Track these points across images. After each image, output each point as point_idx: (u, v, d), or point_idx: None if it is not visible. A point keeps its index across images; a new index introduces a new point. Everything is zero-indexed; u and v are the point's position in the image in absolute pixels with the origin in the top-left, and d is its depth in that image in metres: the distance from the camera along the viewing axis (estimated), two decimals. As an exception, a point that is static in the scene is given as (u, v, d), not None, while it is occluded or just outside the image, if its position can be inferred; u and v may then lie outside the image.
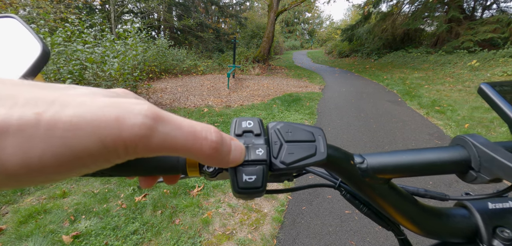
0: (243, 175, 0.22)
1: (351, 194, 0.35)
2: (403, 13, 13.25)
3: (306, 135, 0.26)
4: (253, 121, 0.26)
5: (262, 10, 23.70)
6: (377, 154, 0.30)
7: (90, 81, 4.01)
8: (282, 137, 0.25)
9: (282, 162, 0.24)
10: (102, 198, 2.16)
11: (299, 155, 0.24)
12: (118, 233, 1.79)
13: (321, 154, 0.25)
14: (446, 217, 0.32)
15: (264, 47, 11.76)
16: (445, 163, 0.29)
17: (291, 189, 0.38)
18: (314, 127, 0.27)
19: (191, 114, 4.51)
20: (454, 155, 0.29)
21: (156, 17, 14.28)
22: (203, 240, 1.76)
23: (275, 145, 0.25)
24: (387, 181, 0.30)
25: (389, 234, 1.76)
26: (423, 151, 0.29)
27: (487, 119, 4.06)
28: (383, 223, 0.35)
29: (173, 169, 0.25)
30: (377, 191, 0.30)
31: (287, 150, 0.24)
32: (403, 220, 0.31)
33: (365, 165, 0.29)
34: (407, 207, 0.31)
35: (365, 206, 0.34)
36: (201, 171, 0.26)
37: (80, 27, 4.78)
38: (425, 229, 0.32)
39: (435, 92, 6.03)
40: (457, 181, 2.34)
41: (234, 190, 0.23)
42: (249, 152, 0.23)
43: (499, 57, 7.49)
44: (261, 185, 0.23)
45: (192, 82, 7.66)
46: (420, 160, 0.29)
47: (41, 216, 1.95)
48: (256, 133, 0.25)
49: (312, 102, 5.49)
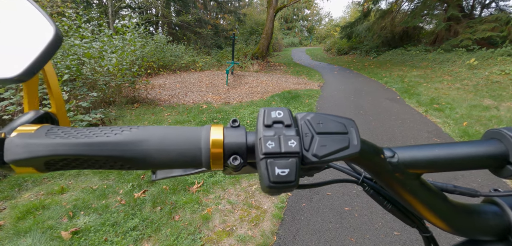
0: (276, 168, 0.21)
1: (375, 190, 0.34)
2: (402, 11, 13.24)
3: (338, 126, 0.24)
4: (283, 111, 0.25)
5: (261, 7, 23.59)
6: (408, 147, 0.29)
7: (88, 76, 3.98)
8: (313, 128, 0.24)
9: (314, 154, 0.23)
10: (101, 194, 2.15)
11: (331, 148, 0.23)
12: (118, 229, 1.78)
13: (355, 146, 0.24)
14: (476, 213, 0.31)
15: (263, 44, 11.71)
16: (480, 157, 0.28)
17: (315, 184, 0.36)
18: (346, 118, 0.25)
19: (190, 110, 4.49)
20: (490, 149, 0.28)
21: (154, 12, 14.16)
22: (203, 236, 1.76)
23: (306, 136, 0.23)
24: (418, 176, 0.29)
25: (388, 231, 1.77)
26: (456, 145, 0.28)
27: (485, 118, 4.08)
28: (408, 220, 0.33)
29: (195, 161, 0.24)
30: (407, 187, 0.28)
31: (319, 142, 0.23)
32: (432, 217, 0.30)
33: (396, 159, 0.28)
34: (437, 203, 0.30)
35: (389, 202, 0.33)
36: (225, 164, 0.25)
37: (77, 22, 4.73)
38: (455, 226, 0.31)
39: (433, 90, 6.05)
40: (455, 178, 2.35)
41: (264, 184, 0.22)
42: (280, 143, 0.22)
43: (497, 56, 7.52)
44: (294, 179, 0.22)
45: (191, 79, 7.62)
46: (454, 154, 0.28)
47: (39, 212, 1.93)
48: (286, 123, 0.24)
49: (311, 100, 5.49)
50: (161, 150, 0.23)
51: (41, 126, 0.25)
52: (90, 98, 3.66)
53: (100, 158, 0.23)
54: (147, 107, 4.62)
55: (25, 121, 0.27)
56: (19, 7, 0.29)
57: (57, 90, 0.33)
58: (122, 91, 4.75)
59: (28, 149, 0.22)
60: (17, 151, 0.23)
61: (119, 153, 0.23)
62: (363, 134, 3.54)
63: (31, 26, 0.28)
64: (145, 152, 0.23)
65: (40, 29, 0.28)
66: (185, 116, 4.17)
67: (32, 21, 0.28)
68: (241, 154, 0.24)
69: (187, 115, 4.20)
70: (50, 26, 0.28)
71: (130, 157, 0.23)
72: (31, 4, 0.29)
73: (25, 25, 0.28)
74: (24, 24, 0.29)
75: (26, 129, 0.24)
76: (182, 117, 4.11)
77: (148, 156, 0.23)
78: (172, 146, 0.24)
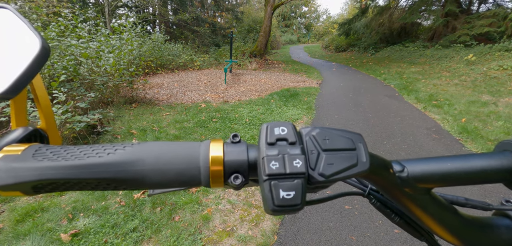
0: (280, 191, 0.20)
1: (382, 203, 0.33)
2: (400, 7, 13.24)
3: (345, 142, 0.23)
4: (287, 127, 0.23)
5: (258, 4, 23.51)
6: (417, 160, 0.28)
7: (85, 77, 3.95)
8: (319, 145, 0.23)
9: (320, 174, 0.21)
10: (100, 195, 2.14)
11: (339, 166, 0.22)
12: (118, 231, 1.77)
13: (363, 164, 0.22)
14: (488, 227, 0.30)
15: (261, 42, 11.69)
16: (494, 170, 0.27)
17: (320, 199, 0.35)
18: (353, 133, 0.24)
19: (189, 110, 4.48)
20: (504, 162, 0.27)
21: (151, 11, 14.09)
22: (204, 236, 1.75)
23: (312, 154, 0.22)
24: (428, 191, 0.28)
25: (389, 229, 1.77)
26: (467, 158, 0.27)
27: (484, 114, 4.09)
28: (416, 234, 0.32)
29: (193, 180, 0.23)
30: (417, 202, 0.27)
31: (326, 160, 0.22)
32: (443, 231, 0.29)
33: (405, 173, 0.27)
34: (448, 218, 0.29)
35: (397, 215, 0.32)
36: (225, 182, 0.23)
37: (73, 22, 4.69)
38: (466, 241, 0.30)
39: (432, 86, 6.06)
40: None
41: (268, 206, 0.21)
42: (285, 163, 0.21)
43: (495, 51, 7.54)
44: (300, 202, 0.20)
45: (189, 78, 7.60)
46: (466, 168, 0.27)
47: (38, 214, 1.92)
48: (291, 141, 0.22)
49: (310, 97, 5.48)
50: (157, 170, 0.22)
51: (28, 146, 0.23)
52: (88, 99, 3.63)
53: (91, 181, 0.22)
54: (146, 107, 4.60)
55: (12, 140, 0.26)
56: (4, 20, 0.28)
57: (46, 104, 0.31)
58: (120, 91, 4.72)
59: (13, 173, 0.21)
60: (1, 176, 0.21)
61: (112, 175, 0.22)
62: (362, 131, 3.55)
63: (16, 39, 0.27)
64: (140, 172, 0.22)
65: (25, 42, 0.26)
66: (184, 115, 4.15)
67: (17, 33, 0.27)
68: (242, 172, 0.23)
69: (186, 115, 4.18)
70: (36, 39, 0.26)
71: (124, 179, 0.22)
72: (16, 15, 0.27)
73: (9, 38, 0.27)
74: (9, 37, 0.27)
75: (12, 149, 0.23)
76: (180, 116, 4.09)
77: (144, 176, 0.22)
78: (169, 165, 0.22)
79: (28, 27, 0.27)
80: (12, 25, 0.27)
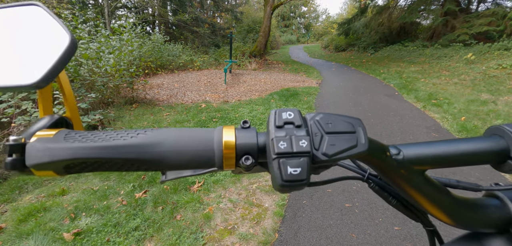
0: (288, 167, 0.22)
1: (380, 186, 0.35)
2: (399, 6, 13.26)
3: (346, 125, 0.25)
4: (294, 112, 0.26)
5: (258, 4, 23.53)
6: (413, 144, 0.30)
7: (86, 77, 3.96)
8: (322, 128, 0.25)
9: (324, 153, 0.23)
10: (102, 195, 2.15)
11: (340, 147, 0.24)
12: (120, 230, 1.79)
13: (363, 145, 0.24)
14: (479, 207, 0.32)
15: (260, 42, 11.70)
16: (482, 153, 0.29)
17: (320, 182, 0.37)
18: (353, 118, 0.26)
19: (189, 110, 4.49)
20: (491, 145, 0.29)
21: (151, 12, 14.10)
22: (205, 235, 1.76)
23: (316, 136, 0.24)
24: (422, 172, 0.30)
25: (389, 226, 1.78)
26: (459, 142, 0.29)
27: (483, 112, 4.10)
28: (412, 215, 0.34)
29: (209, 162, 0.25)
30: (412, 183, 0.29)
31: (329, 141, 0.24)
32: (436, 211, 0.31)
33: (401, 156, 0.29)
34: (441, 198, 0.31)
35: (394, 198, 0.34)
36: (237, 164, 0.26)
37: (73, 23, 4.70)
38: (458, 220, 0.32)
39: (431, 85, 6.07)
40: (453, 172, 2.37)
41: (277, 182, 0.23)
42: (292, 143, 0.23)
43: (494, 50, 7.55)
44: (305, 177, 0.22)
45: (189, 78, 7.61)
46: (457, 150, 0.29)
47: (41, 214, 1.93)
48: (297, 124, 0.25)
49: (310, 97, 5.49)
50: (176, 151, 0.24)
51: (59, 130, 0.26)
52: (88, 99, 3.64)
53: (118, 161, 0.24)
54: (146, 108, 4.62)
55: (42, 126, 0.28)
56: (35, 16, 0.30)
57: (70, 95, 0.33)
58: (120, 92, 4.74)
59: (49, 153, 0.23)
60: (38, 155, 0.23)
61: (136, 155, 0.24)
62: (362, 130, 3.56)
63: (47, 34, 0.29)
64: (161, 154, 0.24)
65: (56, 37, 0.28)
66: (184, 115, 4.17)
67: (48, 28, 0.29)
68: (252, 154, 0.25)
69: (186, 115, 4.19)
70: (65, 33, 0.28)
71: (146, 159, 0.24)
72: (47, 12, 0.30)
73: (41, 33, 0.29)
74: (41, 32, 0.29)
75: (45, 134, 0.25)
76: (181, 116, 4.11)
77: (164, 157, 0.24)
78: (186, 147, 0.25)
79: (58, 22, 0.29)
80: (43, 21, 0.29)
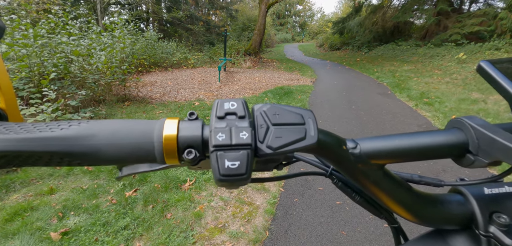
0: (226, 161, 0.21)
1: (343, 182, 0.34)
2: (393, 6, 13.37)
3: (295, 117, 0.24)
4: (237, 102, 0.24)
5: (253, 2, 23.45)
6: (371, 138, 0.29)
7: (77, 74, 3.90)
8: (269, 120, 0.23)
9: (268, 146, 0.22)
10: (91, 193, 2.12)
11: (287, 139, 0.22)
12: (109, 229, 1.76)
13: (311, 137, 0.23)
14: (441, 203, 0.31)
15: (255, 40, 11.68)
16: (441, 146, 0.28)
17: (279, 177, 0.36)
18: (304, 109, 0.25)
19: (182, 108, 4.46)
20: (451, 138, 0.28)
21: (145, 8, 13.94)
22: (196, 233, 1.75)
23: (261, 128, 0.23)
24: (381, 167, 0.29)
25: (379, 223, 1.80)
26: (418, 135, 0.28)
27: (473, 111, 4.17)
28: (376, 212, 0.34)
29: (149, 156, 0.23)
30: (370, 178, 0.28)
31: (274, 134, 0.22)
32: (397, 207, 0.30)
33: (358, 150, 0.28)
34: (401, 194, 0.30)
35: (357, 194, 0.33)
36: (180, 158, 0.24)
37: (64, 19, 4.62)
38: (420, 217, 0.31)
39: (423, 84, 6.14)
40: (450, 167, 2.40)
41: (215, 177, 0.21)
42: (231, 135, 0.22)
43: (485, 50, 7.68)
44: (245, 171, 0.21)
45: (183, 76, 7.55)
46: (415, 144, 0.28)
47: (27, 213, 1.89)
48: (240, 115, 0.23)
49: (304, 95, 5.51)
50: (112, 144, 0.23)
51: None
52: (79, 97, 3.58)
53: (44, 154, 0.22)
54: (138, 105, 4.57)
55: None
56: None
57: (6, 83, 0.30)
58: (112, 90, 4.68)
59: None
60: None
61: (65, 148, 0.22)
62: (355, 128, 3.58)
63: None
64: (95, 147, 0.22)
65: None
66: (177, 113, 4.13)
67: None
68: (196, 147, 0.23)
69: (179, 113, 4.16)
70: None
71: (78, 152, 0.22)
72: None
73: None
74: None
75: None
76: (174, 114, 4.07)
77: (98, 150, 0.22)
78: (123, 140, 0.23)
79: None
80: None
